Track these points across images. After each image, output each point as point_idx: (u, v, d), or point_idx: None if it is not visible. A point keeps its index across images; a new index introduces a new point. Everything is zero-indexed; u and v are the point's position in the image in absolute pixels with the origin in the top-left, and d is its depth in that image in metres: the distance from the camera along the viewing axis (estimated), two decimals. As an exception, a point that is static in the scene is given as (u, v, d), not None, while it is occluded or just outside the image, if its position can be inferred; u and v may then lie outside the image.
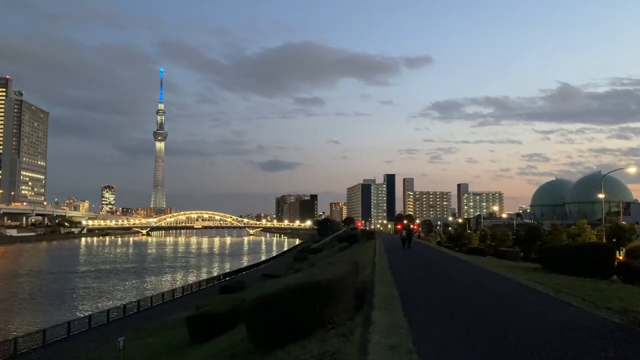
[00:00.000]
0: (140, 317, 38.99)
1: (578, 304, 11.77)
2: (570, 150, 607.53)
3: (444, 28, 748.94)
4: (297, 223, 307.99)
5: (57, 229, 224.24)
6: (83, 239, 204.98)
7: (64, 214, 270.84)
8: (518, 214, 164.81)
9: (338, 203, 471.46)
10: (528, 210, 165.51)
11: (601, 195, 56.63)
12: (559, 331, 8.79)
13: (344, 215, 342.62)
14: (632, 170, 54.28)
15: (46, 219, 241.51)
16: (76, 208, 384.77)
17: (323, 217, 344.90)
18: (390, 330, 8.61)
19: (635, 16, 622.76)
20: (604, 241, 44.59)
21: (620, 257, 40.29)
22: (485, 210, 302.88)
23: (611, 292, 13.95)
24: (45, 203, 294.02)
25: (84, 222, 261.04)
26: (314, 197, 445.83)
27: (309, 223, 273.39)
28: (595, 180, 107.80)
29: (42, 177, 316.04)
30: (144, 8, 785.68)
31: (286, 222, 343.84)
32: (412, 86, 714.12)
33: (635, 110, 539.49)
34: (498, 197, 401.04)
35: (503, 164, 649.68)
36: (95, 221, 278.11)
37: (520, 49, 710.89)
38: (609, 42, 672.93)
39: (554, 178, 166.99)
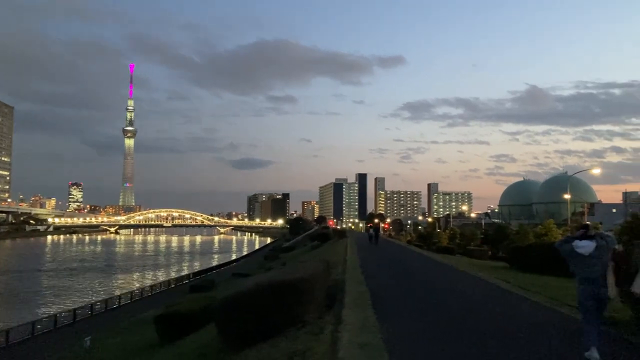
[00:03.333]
0: (108, 316, 38.33)
1: (544, 302, 12.02)
2: (537, 152, 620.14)
3: (417, 29, 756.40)
4: (268, 222, 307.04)
5: (22, 226, 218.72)
6: (49, 237, 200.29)
7: (29, 211, 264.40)
8: (487, 214, 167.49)
9: (310, 202, 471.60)
10: (496, 210, 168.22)
11: (567, 196, 57.80)
12: (526, 328, 8.97)
13: (316, 214, 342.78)
14: (596, 171, 55.64)
15: (10, 216, 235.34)
16: (42, 205, 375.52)
17: (295, 215, 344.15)
18: (360, 328, 8.66)
19: (599, 22, 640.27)
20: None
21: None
22: (454, 210, 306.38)
23: (575, 290, 14.27)
24: (9, 200, 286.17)
25: (50, 220, 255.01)
26: (286, 196, 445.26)
27: (280, 222, 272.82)
28: (561, 181, 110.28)
29: (6, 173, 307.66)
30: (113, 1, 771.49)
31: (258, 220, 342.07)
32: (385, 86, 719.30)
33: (598, 113, 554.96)
34: (467, 197, 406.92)
35: (472, 164, 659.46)
36: (62, 219, 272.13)
37: (491, 51, 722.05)
38: (574, 45, 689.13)
39: (521, 178, 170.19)
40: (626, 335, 8.28)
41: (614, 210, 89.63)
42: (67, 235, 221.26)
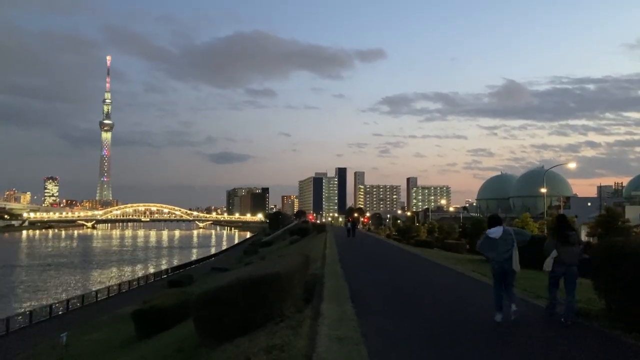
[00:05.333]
0: (84, 312, 37.88)
1: (520, 295, 12.18)
2: (514, 146, 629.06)
3: (397, 22, 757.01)
4: (248, 216, 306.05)
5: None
6: (24, 232, 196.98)
7: (3, 205, 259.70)
8: (465, 208, 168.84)
9: (290, 196, 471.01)
10: (474, 204, 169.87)
11: (543, 190, 58.64)
12: (503, 321, 9.09)
13: (296, 209, 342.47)
14: (572, 165, 56.68)
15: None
16: (17, 200, 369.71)
17: (274, 210, 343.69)
18: (338, 322, 8.70)
19: (574, 19, 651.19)
20: (546, 234, 46.24)
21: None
22: (433, 204, 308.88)
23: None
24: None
25: (25, 215, 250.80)
26: (265, 190, 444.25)
27: (260, 216, 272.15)
28: (538, 175, 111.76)
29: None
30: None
31: (237, 215, 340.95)
32: (365, 79, 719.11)
33: (573, 108, 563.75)
34: (446, 191, 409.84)
35: (450, 158, 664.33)
36: (38, 213, 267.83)
37: (470, 46, 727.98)
38: (550, 41, 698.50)
39: (499, 173, 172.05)
40: (598, 325, 8.44)
41: (589, 204, 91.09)
42: (43, 230, 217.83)
